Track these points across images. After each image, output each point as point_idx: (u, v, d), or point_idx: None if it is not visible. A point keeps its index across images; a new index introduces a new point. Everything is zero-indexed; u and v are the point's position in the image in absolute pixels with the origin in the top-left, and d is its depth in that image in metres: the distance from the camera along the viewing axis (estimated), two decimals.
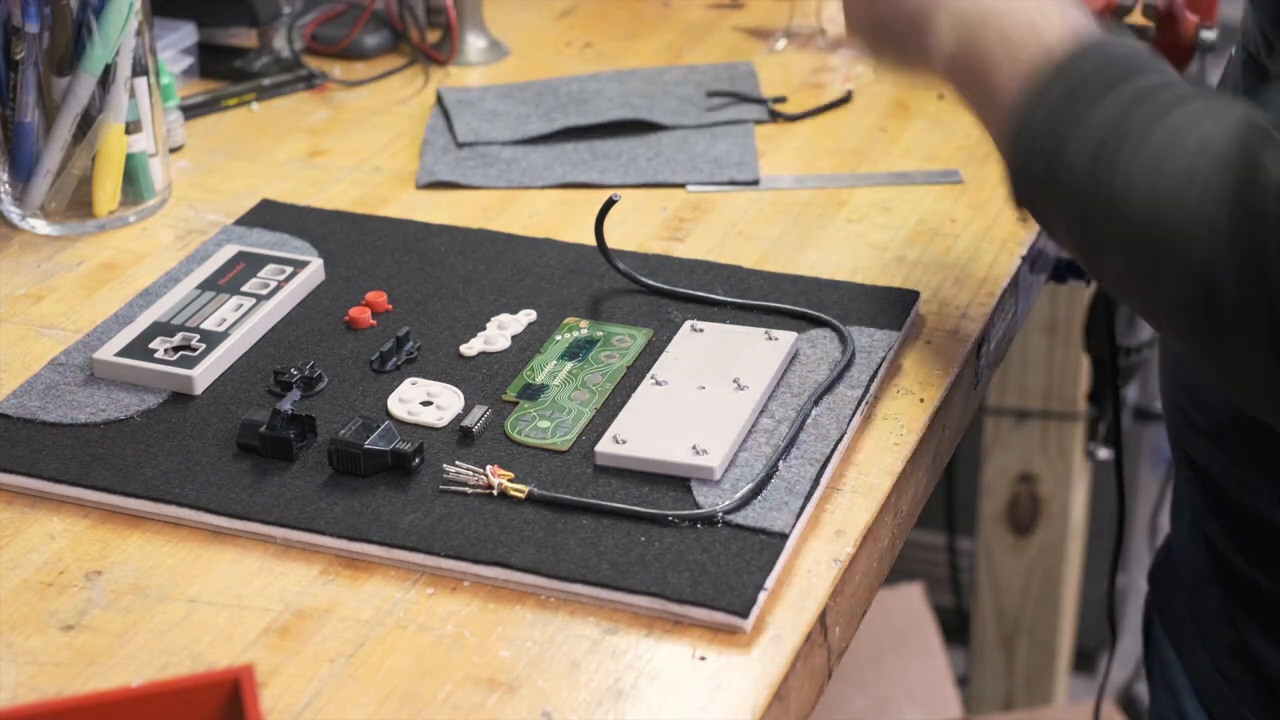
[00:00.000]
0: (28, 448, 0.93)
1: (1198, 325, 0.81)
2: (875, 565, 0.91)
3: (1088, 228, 0.85)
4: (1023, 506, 1.99)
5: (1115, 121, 0.83)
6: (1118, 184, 0.82)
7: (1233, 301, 0.78)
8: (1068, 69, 0.86)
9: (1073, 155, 0.84)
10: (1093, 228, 0.84)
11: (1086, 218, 0.84)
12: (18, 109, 1.14)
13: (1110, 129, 0.83)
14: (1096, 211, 0.83)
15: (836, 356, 1.00)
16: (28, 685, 0.79)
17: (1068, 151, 0.84)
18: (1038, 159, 0.86)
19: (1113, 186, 0.82)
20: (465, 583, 0.85)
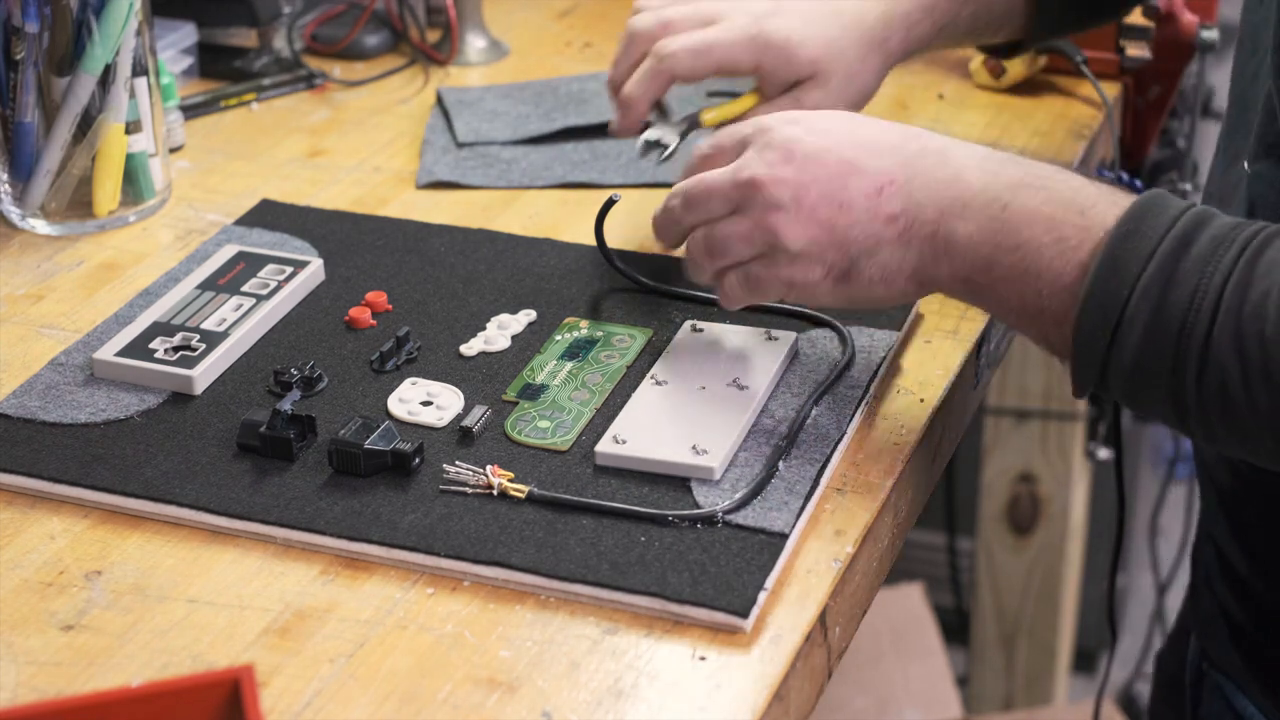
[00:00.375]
0: (28, 448, 0.93)
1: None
2: (875, 565, 0.91)
3: (1264, 381, 0.78)
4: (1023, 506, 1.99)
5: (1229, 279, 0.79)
6: None
7: None
8: (1140, 236, 0.81)
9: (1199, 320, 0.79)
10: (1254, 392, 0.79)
11: (1220, 382, 0.79)
12: (18, 109, 1.14)
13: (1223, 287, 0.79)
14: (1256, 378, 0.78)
15: (836, 356, 1.00)
16: (28, 685, 0.79)
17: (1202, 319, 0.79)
18: (1139, 334, 0.81)
19: None
20: (465, 583, 0.85)
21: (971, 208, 0.86)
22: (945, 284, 0.89)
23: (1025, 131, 1.30)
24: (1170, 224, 0.82)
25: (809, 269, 0.89)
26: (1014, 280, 0.85)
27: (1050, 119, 1.32)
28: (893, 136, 0.90)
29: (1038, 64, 1.35)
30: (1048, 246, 0.84)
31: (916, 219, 0.87)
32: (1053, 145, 1.28)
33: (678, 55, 1.04)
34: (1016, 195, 0.86)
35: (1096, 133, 1.31)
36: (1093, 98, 1.34)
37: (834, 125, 0.91)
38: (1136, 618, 2.40)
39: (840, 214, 0.88)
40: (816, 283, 0.90)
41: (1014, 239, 0.85)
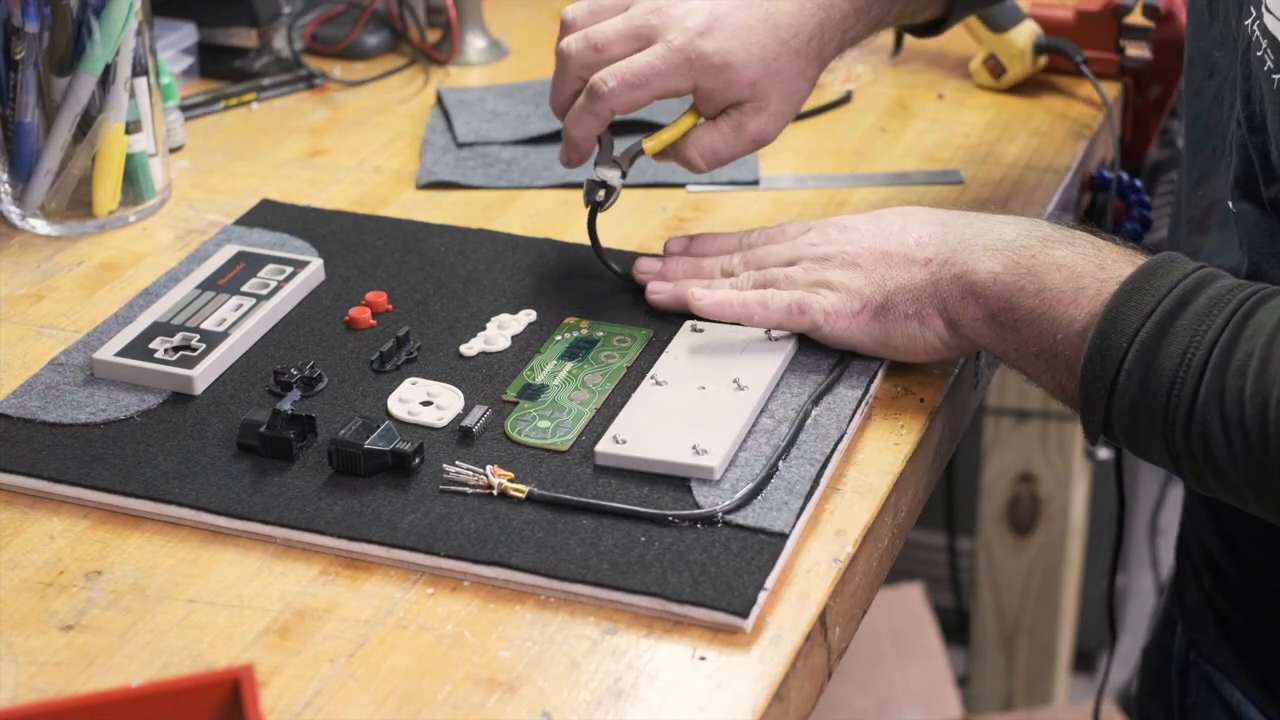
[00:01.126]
0: (28, 448, 0.93)
1: None
2: (875, 565, 0.91)
3: (1242, 436, 0.82)
4: (1023, 506, 1.99)
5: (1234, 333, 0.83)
6: None
7: None
8: (1155, 285, 0.86)
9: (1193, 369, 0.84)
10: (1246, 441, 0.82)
11: (1204, 436, 0.83)
12: (18, 109, 1.14)
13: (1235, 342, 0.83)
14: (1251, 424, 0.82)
15: (836, 356, 1.00)
16: (28, 685, 0.79)
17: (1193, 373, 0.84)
18: (1143, 379, 0.85)
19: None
20: (465, 583, 0.85)
21: (1001, 252, 0.93)
22: (970, 324, 0.94)
23: (1025, 131, 1.30)
24: (1174, 283, 0.86)
25: (849, 301, 0.97)
26: (1034, 323, 0.91)
27: (1050, 119, 1.32)
28: (935, 213, 0.98)
29: (1038, 64, 1.35)
30: (1066, 294, 0.89)
31: (948, 260, 0.94)
32: (1053, 145, 1.28)
33: (615, 92, 1.02)
34: (1045, 246, 0.92)
35: (1096, 133, 1.31)
36: (1093, 98, 1.34)
37: (883, 213, 1.01)
38: (1136, 618, 2.40)
39: (882, 261, 0.97)
40: (854, 314, 0.97)
41: (1037, 284, 0.91)
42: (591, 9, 1.06)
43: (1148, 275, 0.87)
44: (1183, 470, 0.87)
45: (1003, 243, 0.93)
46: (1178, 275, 0.87)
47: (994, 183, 1.22)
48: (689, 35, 1.02)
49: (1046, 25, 1.36)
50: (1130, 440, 0.89)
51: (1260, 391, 0.81)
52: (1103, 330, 0.87)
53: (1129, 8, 1.35)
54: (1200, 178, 1.03)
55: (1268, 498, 0.84)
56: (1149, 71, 1.37)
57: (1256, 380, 0.82)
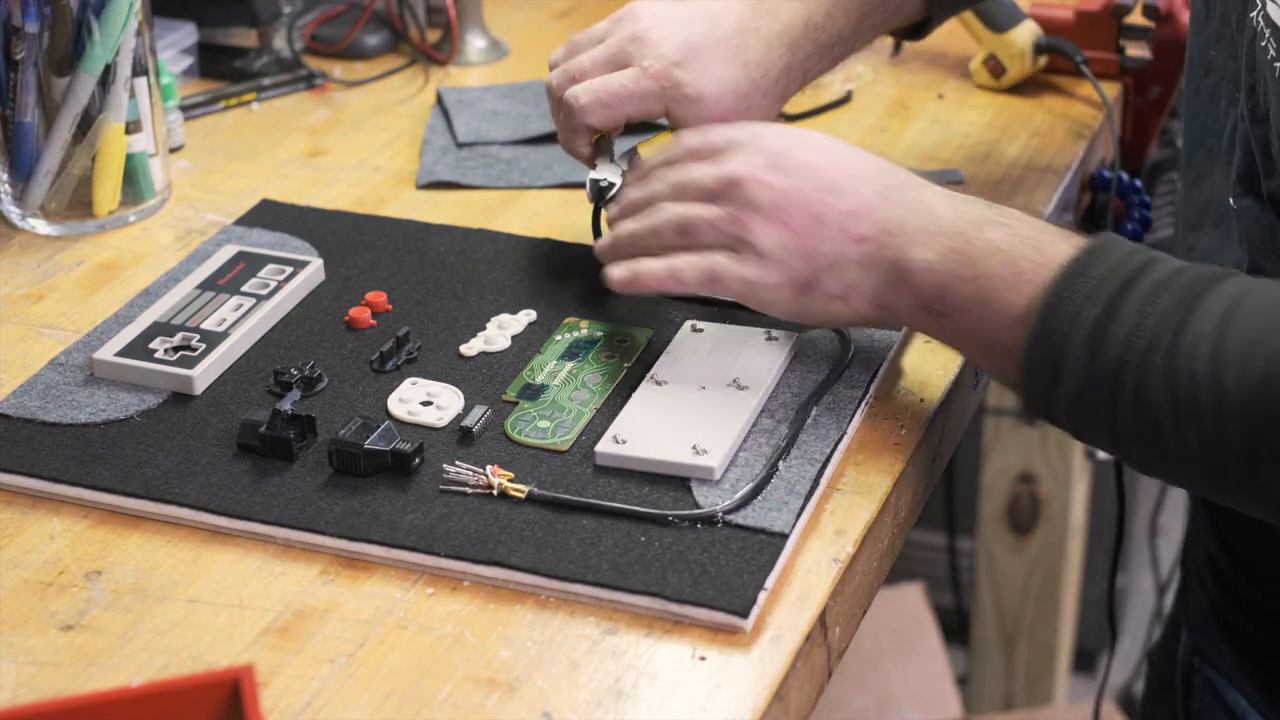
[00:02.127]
0: (28, 448, 0.93)
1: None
2: (875, 565, 0.91)
3: (1194, 418, 0.81)
4: (1023, 506, 1.99)
5: (1173, 313, 0.82)
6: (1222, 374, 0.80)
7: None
8: (1090, 270, 0.85)
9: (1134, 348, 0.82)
10: (1201, 414, 0.81)
11: (1153, 419, 0.82)
12: (18, 109, 1.14)
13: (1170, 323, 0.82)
14: (1202, 396, 0.80)
15: (836, 356, 1.00)
16: (28, 685, 0.79)
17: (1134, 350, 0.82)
18: (1082, 361, 0.84)
19: (1219, 377, 0.80)
20: (465, 583, 0.85)
21: (936, 237, 0.89)
22: (903, 310, 0.91)
23: (1025, 131, 1.30)
24: (1117, 264, 0.85)
25: (771, 272, 0.92)
26: (969, 310, 0.88)
27: (1050, 119, 1.32)
28: (874, 166, 0.93)
29: (1038, 64, 1.35)
30: (1003, 279, 0.87)
31: (883, 243, 0.90)
32: (1053, 145, 1.28)
33: (588, 108, 1.04)
34: (980, 230, 0.88)
35: (1096, 133, 1.31)
36: (1093, 98, 1.34)
37: (822, 146, 0.94)
38: (1136, 618, 2.40)
39: (813, 226, 0.91)
40: (775, 286, 0.92)
41: (973, 270, 0.88)
42: (570, 45, 1.09)
43: (1088, 257, 0.85)
44: (1129, 455, 0.85)
45: (937, 226, 0.89)
46: (1118, 256, 0.85)
47: (994, 183, 1.22)
48: (664, 62, 1.03)
49: (1046, 25, 1.36)
50: (1074, 424, 0.87)
51: (1214, 375, 0.80)
52: (1044, 316, 0.85)
53: (1129, 8, 1.35)
54: (1197, 177, 1.03)
55: (1220, 481, 0.83)
56: (1149, 71, 1.37)
57: (1210, 363, 0.80)
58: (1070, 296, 0.84)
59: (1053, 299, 0.85)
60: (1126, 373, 0.82)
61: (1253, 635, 1.04)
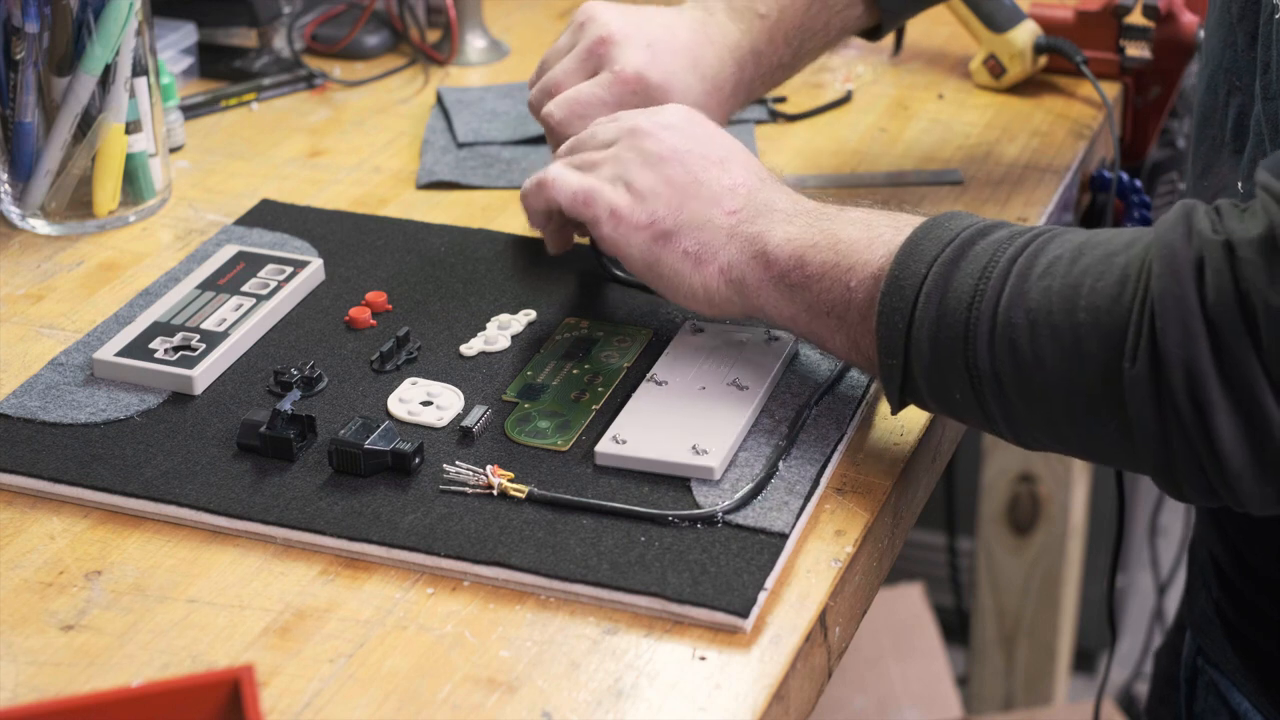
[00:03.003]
0: (28, 448, 0.93)
1: (1149, 426, 0.79)
2: (875, 565, 0.91)
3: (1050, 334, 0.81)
4: (1023, 506, 1.99)
5: (1003, 253, 0.84)
6: (1037, 303, 0.81)
7: (1193, 382, 0.77)
8: (937, 231, 0.87)
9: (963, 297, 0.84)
10: (1011, 357, 0.82)
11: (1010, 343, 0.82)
12: (18, 109, 1.14)
13: (1002, 261, 0.83)
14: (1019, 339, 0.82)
15: None
16: (28, 685, 0.79)
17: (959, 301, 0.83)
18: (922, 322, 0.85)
19: (1033, 306, 0.81)
20: (465, 583, 0.85)
21: (801, 215, 0.93)
22: (753, 284, 0.93)
23: (1025, 131, 1.30)
24: (970, 223, 0.87)
25: (637, 210, 0.95)
26: (826, 275, 0.90)
27: (1050, 119, 1.32)
28: (761, 167, 0.98)
29: (1038, 64, 1.35)
30: (861, 242, 0.89)
31: (748, 219, 0.93)
32: (1053, 145, 1.28)
33: (565, 121, 1.08)
34: (842, 210, 0.93)
35: (1096, 133, 1.31)
36: (1093, 98, 1.34)
37: (727, 137, 0.99)
38: (1136, 618, 2.40)
39: (691, 185, 0.95)
40: (637, 225, 0.95)
41: (831, 239, 0.90)
42: (541, 64, 1.13)
43: (944, 218, 0.88)
44: (986, 400, 0.84)
45: (804, 207, 0.93)
46: (972, 219, 0.88)
47: (994, 183, 1.22)
48: (634, 65, 1.07)
49: (1046, 25, 1.36)
50: (932, 378, 0.86)
51: (1070, 285, 0.80)
52: (899, 261, 0.86)
53: (1129, 8, 1.35)
54: (1204, 168, 1.03)
55: (1078, 406, 0.81)
56: (1149, 71, 1.37)
57: (1065, 276, 0.81)
58: (924, 245, 0.86)
59: (906, 249, 0.86)
60: (979, 302, 0.83)
61: (1255, 638, 1.04)
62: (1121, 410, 0.80)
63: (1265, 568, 1.02)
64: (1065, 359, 0.81)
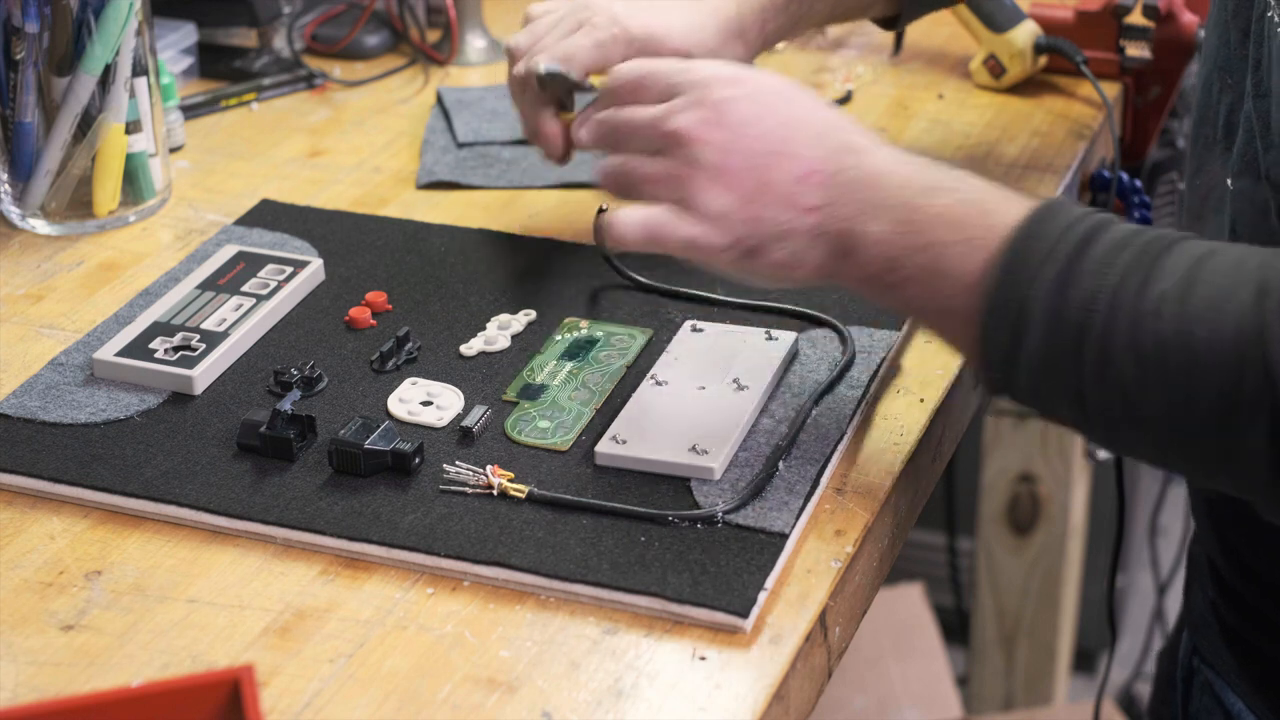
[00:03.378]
0: (28, 448, 0.93)
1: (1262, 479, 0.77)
2: (875, 565, 0.91)
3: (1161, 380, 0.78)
4: (1023, 506, 1.99)
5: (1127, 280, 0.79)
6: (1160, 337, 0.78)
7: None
8: (1039, 236, 0.82)
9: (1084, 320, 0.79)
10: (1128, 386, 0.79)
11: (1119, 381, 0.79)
12: (18, 109, 1.14)
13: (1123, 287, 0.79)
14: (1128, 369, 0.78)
15: (836, 356, 1.00)
16: (28, 685, 0.79)
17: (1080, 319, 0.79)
18: (1031, 331, 0.81)
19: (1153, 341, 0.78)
20: (465, 583, 0.85)
21: (883, 209, 0.85)
22: (849, 281, 0.88)
23: (1025, 131, 1.30)
24: (1070, 225, 0.81)
25: (715, 235, 0.87)
26: (921, 280, 0.85)
27: (1050, 119, 1.32)
28: (821, 122, 0.89)
29: (1038, 64, 1.35)
30: (953, 246, 0.83)
31: (832, 215, 0.86)
32: (1053, 145, 1.28)
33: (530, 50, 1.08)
34: (928, 198, 0.85)
35: (1096, 133, 1.31)
36: (1093, 98, 1.34)
37: (770, 95, 0.89)
38: (1136, 618, 2.40)
39: (761, 192, 0.87)
40: (719, 250, 0.88)
41: (922, 240, 0.84)
42: (527, 32, 1.12)
43: (1039, 219, 0.82)
44: (1092, 423, 0.82)
45: (886, 196, 0.85)
46: (1069, 218, 0.82)
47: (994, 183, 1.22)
48: (612, 16, 1.06)
49: (1046, 25, 1.36)
50: (1036, 395, 0.83)
51: (1181, 330, 0.77)
52: (1000, 281, 0.81)
53: (1129, 8, 1.35)
54: (1198, 166, 1.03)
55: (1189, 447, 0.80)
56: (1149, 71, 1.37)
57: (1175, 319, 0.77)
58: (1026, 260, 0.81)
59: (1007, 263, 0.81)
60: (1090, 335, 0.79)
61: (1251, 638, 1.04)
62: (1233, 460, 0.78)
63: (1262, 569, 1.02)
64: (1176, 408, 0.78)
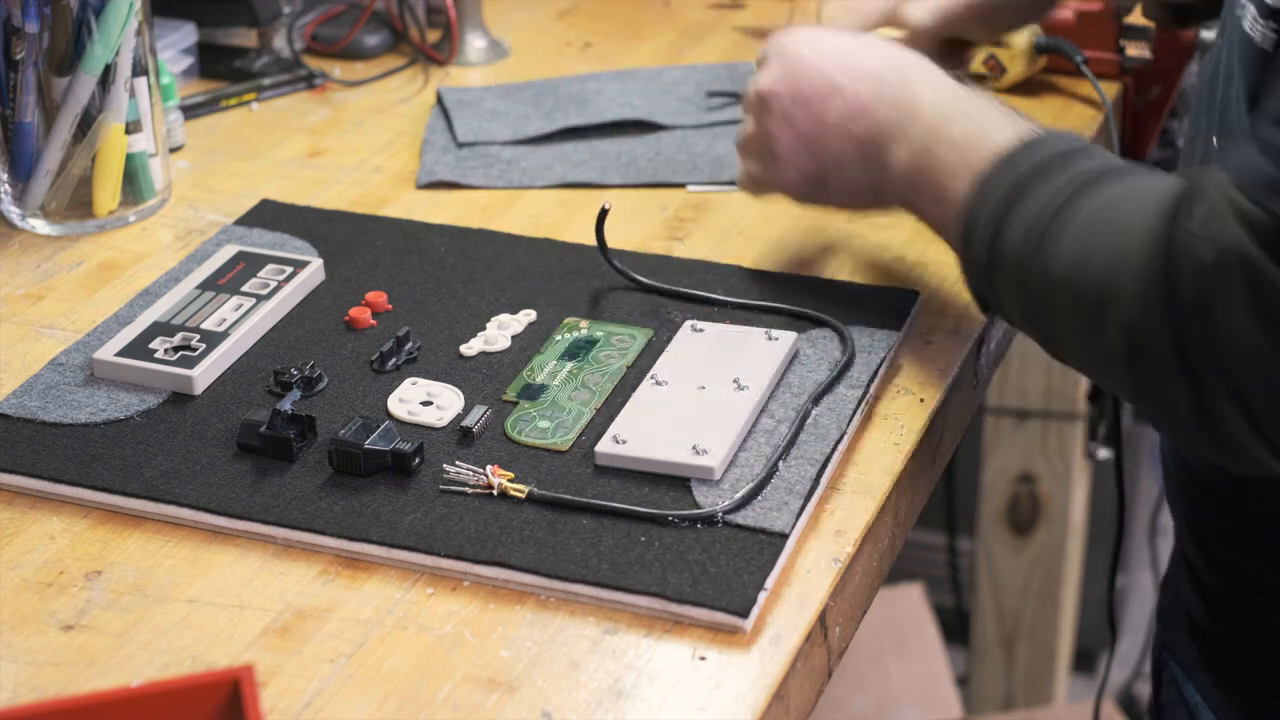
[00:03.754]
0: (28, 448, 0.93)
1: (1131, 380, 0.85)
2: (875, 565, 0.91)
3: (1031, 303, 0.90)
4: (1023, 506, 1.99)
5: (1049, 203, 0.88)
6: (1054, 259, 0.87)
7: (1156, 357, 0.82)
8: (1011, 164, 0.91)
9: (1012, 236, 0.89)
10: (1034, 302, 0.89)
11: (1029, 294, 0.89)
12: (18, 109, 1.14)
13: (1044, 210, 0.88)
14: (1035, 287, 0.88)
15: (836, 356, 1.00)
16: (28, 685, 0.79)
17: (1007, 234, 0.89)
18: (982, 248, 0.91)
19: (1049, 262, 0.87)
20: (465, 583, 0.85)
21: (910, 133, 0.97)
22: (892, 200, 1.00)
23: None
24: (1035, 160, 0.91)
25: (789, 171, 1.03)
26: (931, 201, 0.97)
27: (1050, 119, 1.32)
28: (877, 61, 1.00)
29: (1038, 64, 1.35)
30: (955, 171, 0.94)
31: (875, 143, 0.99)
32: None
33: (835, 15, 1.20)
34: (947, 125, 0.96)
35: (1096, 133, 1.31)
36: (1093, 98, 1.34)
37: (831, 44, 1.02)
38: (1136, 618, 2.40)
39: (817, 128, 1.00)
40: (796, 186, 1.03)
41: (932, 163, 0.96)
42: None
43: (1017, 153, 0.92)
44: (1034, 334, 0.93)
45: (914, 122, 0.97)
46: (1039, 155, 0.91)
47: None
48: None
49: (1046, 25, 1.36)
50: (1006, 314, 0.94)
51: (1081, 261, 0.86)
52: (968, 203, 0.93)
53: (1129, 8, 1.35)
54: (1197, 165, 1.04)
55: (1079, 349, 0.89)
56: (1149, 71, 1.37)
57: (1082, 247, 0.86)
58: (988, 189, 0.91)
59: (973, 195, 0.92)
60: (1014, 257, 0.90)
61: (1214, 635, 1.04)
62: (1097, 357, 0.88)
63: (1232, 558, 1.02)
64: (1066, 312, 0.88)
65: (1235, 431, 0.82)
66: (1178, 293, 0.81)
